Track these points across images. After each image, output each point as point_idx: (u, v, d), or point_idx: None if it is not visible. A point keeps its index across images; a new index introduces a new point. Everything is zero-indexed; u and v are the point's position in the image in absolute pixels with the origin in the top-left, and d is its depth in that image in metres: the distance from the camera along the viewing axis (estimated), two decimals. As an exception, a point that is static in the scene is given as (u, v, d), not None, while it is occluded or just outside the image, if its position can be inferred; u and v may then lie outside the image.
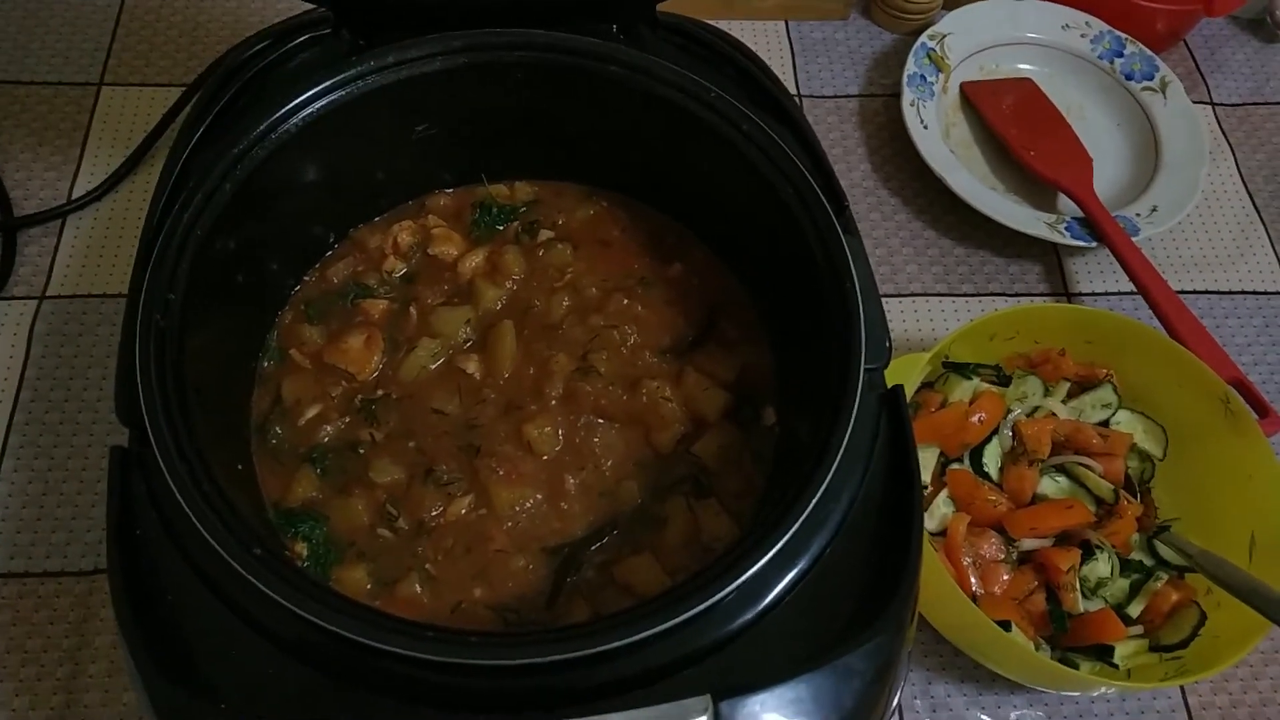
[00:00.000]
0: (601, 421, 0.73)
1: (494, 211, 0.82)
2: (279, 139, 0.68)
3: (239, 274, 0.70)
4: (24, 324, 0.89)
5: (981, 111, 1.08)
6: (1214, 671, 0.72)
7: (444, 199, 0.83)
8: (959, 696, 0.80)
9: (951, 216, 1.03)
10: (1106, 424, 0.84)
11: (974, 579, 0.77)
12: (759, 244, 0.75)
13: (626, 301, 0.78)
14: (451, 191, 0.83)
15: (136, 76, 1.04)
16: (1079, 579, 0.77)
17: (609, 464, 0.72)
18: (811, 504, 0.56)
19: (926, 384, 0.85)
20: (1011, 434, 0.82)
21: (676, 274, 0.80)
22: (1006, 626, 0.73)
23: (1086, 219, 0.99)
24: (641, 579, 0.67)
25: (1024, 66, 1.13)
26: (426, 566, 0.68)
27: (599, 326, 0.77)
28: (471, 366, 0.75)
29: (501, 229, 0.82)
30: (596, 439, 0.73)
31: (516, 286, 0.79)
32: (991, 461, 0.82)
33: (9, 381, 0.86)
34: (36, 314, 0.90)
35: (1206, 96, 1.16)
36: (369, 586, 0.67)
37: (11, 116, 1.01)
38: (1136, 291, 0.95)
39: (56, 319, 0.90)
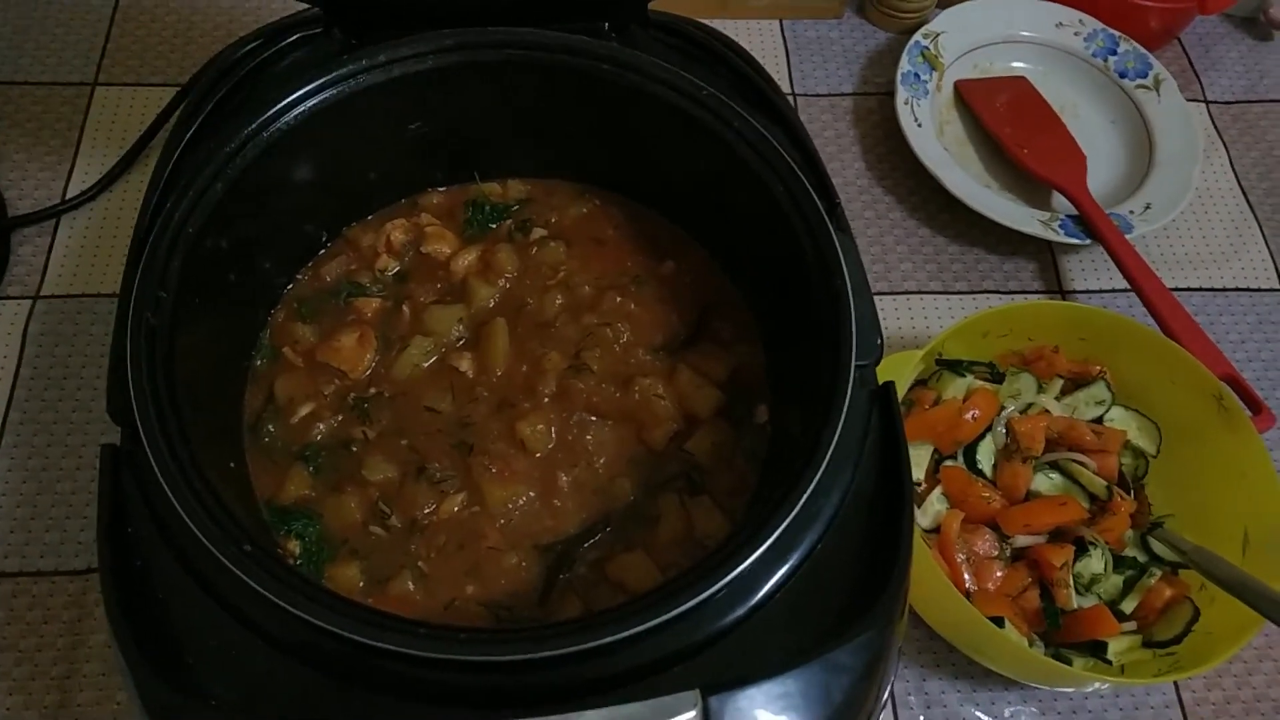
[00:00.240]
0: (594, 419, 0.73)
1: (487, 210, 0.82)
2: (271, 138, 0.68)
3: (231, 272, 0.70)
4: (18, 323, 0.89)
5: (975, 110, 1.08)
6: (1208, 667, 0.72)
7: (437, 197, 0.83)
8: (953, 693, 0.80)
9: (945, 214, 1.03)
10: (1100, 421, 0.85)
11: (968, 576, 0.78)
12: (751, 242, 0.75)
13: (619, 299, 0.78)
14: (444, 190, 0.84)
15: (131, 76, 1.04)
16: (1073, 575, 0.77)
17: (602, 461, 0.72)
18: (802, 501, 0.56)
19: (920, 381, 0.85)
20: (1005, 431, 0.83)
21: (669, 272, 0.80)
22: (1000, 623, 0.73)
23: (1080, 217, 0.99)
24: (634, 576, 0.67)
25: (1018, 65, 1.13)
26: (419, 564, 0.68)
27: (592, 324, 0.77)
28: (464, 364, 0.75)
29: (494, 227, 0.82)
30: (589, 436, 0.73)
31: (509, 285, 0.79)
32: (985, 458, 0.82)
33: (3, 381, 0.86)
34: (31, 313, 0.90)
35: (1200, 94, 1.16)
36: (362, 584, 0.67)
37: (6, 116, 1.01)
38: (1130, 289, 0.95)
39: (51, 318, 0.90)
